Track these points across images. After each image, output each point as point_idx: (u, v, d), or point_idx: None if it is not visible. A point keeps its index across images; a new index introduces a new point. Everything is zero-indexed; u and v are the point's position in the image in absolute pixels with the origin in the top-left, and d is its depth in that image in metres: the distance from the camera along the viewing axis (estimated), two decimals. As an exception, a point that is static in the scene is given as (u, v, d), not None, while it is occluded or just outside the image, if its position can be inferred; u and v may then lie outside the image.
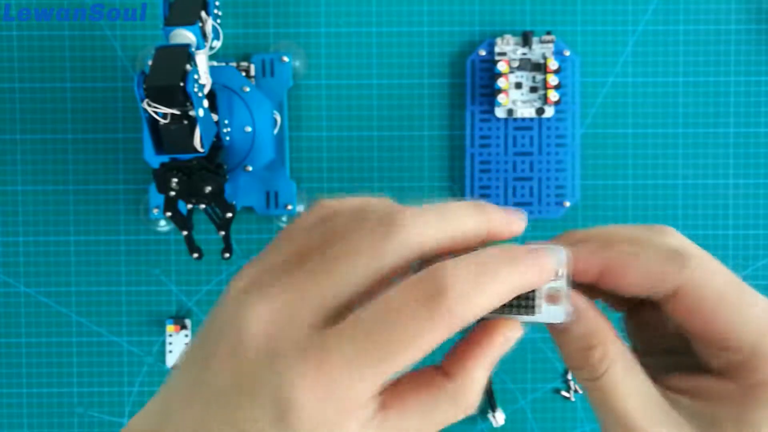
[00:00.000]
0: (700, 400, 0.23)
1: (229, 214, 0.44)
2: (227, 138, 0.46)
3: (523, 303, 0.23)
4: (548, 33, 0.48)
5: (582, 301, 0.24)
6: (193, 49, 0.40)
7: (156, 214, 0.48)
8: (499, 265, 0.21)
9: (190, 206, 0.44)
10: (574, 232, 0.25)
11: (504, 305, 0.22)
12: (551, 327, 0.24)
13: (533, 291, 0.23)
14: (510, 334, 0.23)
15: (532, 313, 0.23)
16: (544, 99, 0.48)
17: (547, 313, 0.23)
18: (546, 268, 0.22)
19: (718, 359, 0.23)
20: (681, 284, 0.23)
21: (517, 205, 0.49)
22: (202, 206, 0.44)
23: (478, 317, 0.21)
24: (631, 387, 0.23)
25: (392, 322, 0.20)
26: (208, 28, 0.43)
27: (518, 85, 0.49)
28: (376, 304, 0.20)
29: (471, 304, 0.20)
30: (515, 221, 0.24)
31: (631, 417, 0.23)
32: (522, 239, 0.25)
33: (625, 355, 0.23)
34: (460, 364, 0.22)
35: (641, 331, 0.27)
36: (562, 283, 0.23)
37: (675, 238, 0.24)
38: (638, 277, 0.23)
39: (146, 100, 0.38)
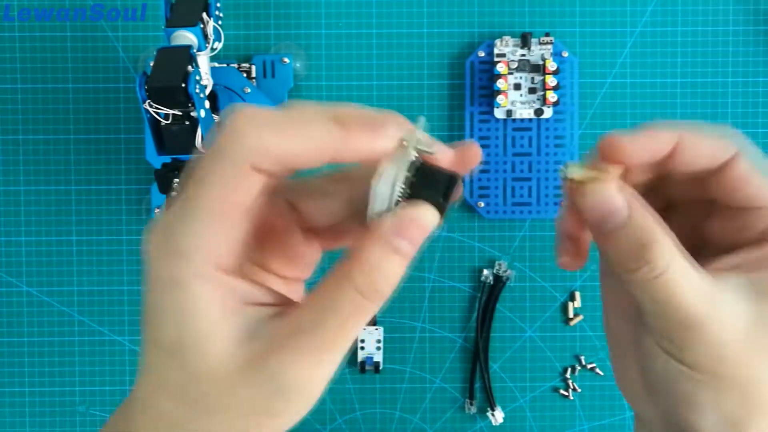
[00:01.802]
0: (743, 272, 0.24)
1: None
2: (228, 138, 0.46)
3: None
4: (547, 34, 0.48)
5: (632, 196, 0.24)
6: (194, 51, 0.40)
7: (158, 214, 0.49)
8: (308, 114, 0.21)
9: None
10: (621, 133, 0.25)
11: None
12: (595, 230, 0.24)
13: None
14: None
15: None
16: (543, 100, 0.48)
17: (379, 186, 0.22)
18: (378, 134, 0.22)
19: (761, 223, 0.24)
20: (738, 151, 0.24)
21: (516, 205, 0.50)
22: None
23: (279, 158, 0.21)
24: (692, 279, 0.23)
25: (196, 178, 0.21)
26: (210, 30, 0.43)
27: (517, 86, 0.49)
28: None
29: (258, 138, 0.20)
30: (381, 135, 0.22)
31: (696, 310, 0.23)
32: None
33: (680, 247, 0.23)
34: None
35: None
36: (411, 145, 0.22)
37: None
38: (707, 147, 0.24)
39: (148, 101, 0.38)
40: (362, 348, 0.50)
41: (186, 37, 0.40)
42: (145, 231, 0.22)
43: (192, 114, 0.39)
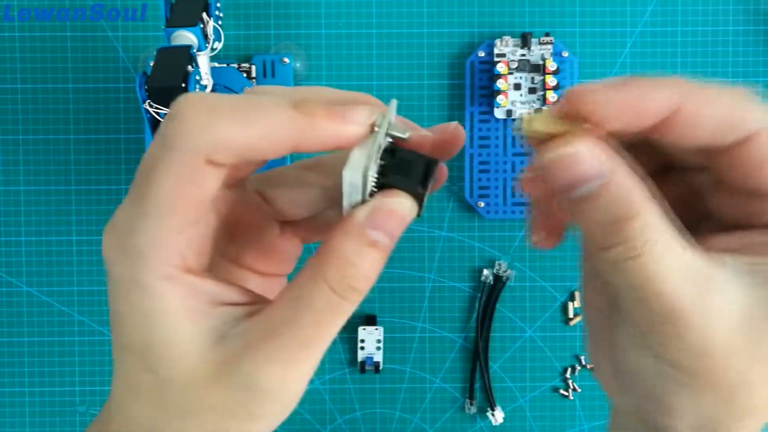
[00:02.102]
0: (745, 255, 0.20)
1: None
2: (228, 138, 0.46)
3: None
4: (547, 34, 0.48)
5: (612, 157, 0.20)
6: (194, 51, 0.40)
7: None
8: (266, 102, 0.19)
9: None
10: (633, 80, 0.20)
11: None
12: (569, 199, 0.20)
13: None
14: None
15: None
16: (543, 100, 0.48)
17: (348, 172, 0.20)
18: (347, 121, 0.20)
19: None
20: (758, 129, 0.20)
21: (516, 205, 0.50)
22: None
23: (234, 150, 0.19)
24: (676, 261, 0.19)
25: (145, 173, 0.20)
26: (210, 30, 0.43)
27: (517, 86, 0.49)
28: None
29: (210, 128, 0.19)
30: (349, 121, 0.20)
31: (680, 298, 0.19)
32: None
33: (664, 225, 0.19)
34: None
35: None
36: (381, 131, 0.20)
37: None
38: (714, 118, 0.20)
39: (148, 101, 0.38)
40: (362, 348, 0.50)
41: (186, 37, 0.40)
42: (103, 231, 0.21)
43: (192, 114, 0.39)
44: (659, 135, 0.20)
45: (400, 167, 0.21)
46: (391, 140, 0.21)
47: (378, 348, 0.50)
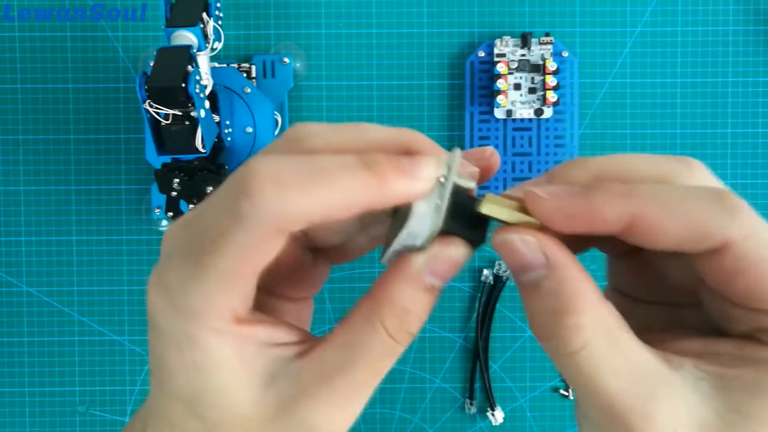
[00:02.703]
0: (708, 363, 0.19)
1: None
2: (228, 139, 0.46)
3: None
4: (547, 34, 0.48)
5: (558, 251, 0.19)
6: (194, 51, 0.40)
7: (158, 214, 0.49)
8: (336, 168, 0.19)
9: (191, 207, 0.44)
10: (585, 162, 0.21)
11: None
12: (518, 282, 0.20)
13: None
14: (402, 280, 0.20)
15: (402, 229, 0.20)
16: (543, 100, 0.48)
17: (415, 224, 0.20)
18: (415, 178, 0.19)
19: (750, 322, 0.19)
20: (728, 241, 0.18)
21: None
22: (204, 206, 0.44)
23: (307, 220, 0.19)
24: (618, 363, 0.18)
25: (210, 238, 0.19)
26: (210, 30, 0.43)
27: (517, 86, 0.49)
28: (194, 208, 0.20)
29: (282, 203, 0.18)
30: (419, 178, 0.20)
31: (623, 402, 0.18)
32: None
33: (609, 323, 0.19)
34: (357, 305, 0.21)
35: (635, 276, 0.23)
36: (442, 192, 0.20)
37: (709, 176, 0.20)
38: (677, 230, 0.18)
39: (148, 101, 0.38)
40: (362, 348, 0.50)
41: (186, 37, 0.40)
42: (149, 283, 0.20)
43: (192, 114, 0.39)
44: (623, 238, 0.19)
45: (457, 212, 0.20)
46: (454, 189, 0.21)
47: (378, 348, 0.50)
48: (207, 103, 0.41)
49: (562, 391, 0.51)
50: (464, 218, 0.21)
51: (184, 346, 0.20)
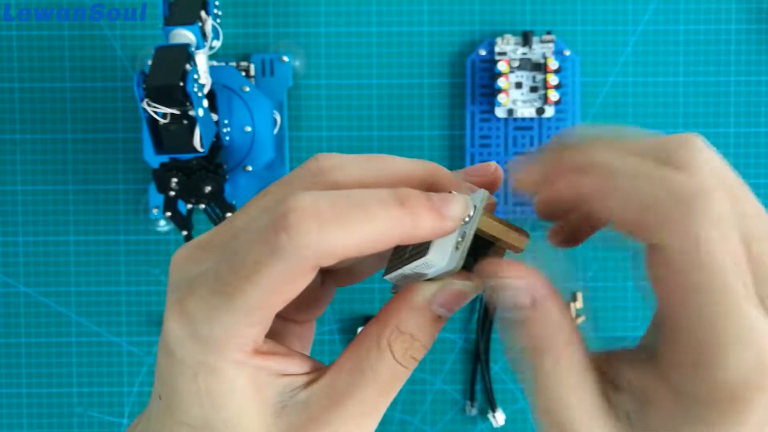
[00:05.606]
0: (637, 402, 0.20)
1: (229, 214, 0.44)
2: (227, 138, 0.46)
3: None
4: (548, 33, 0.48)
5: (542, 287, 0.21)
6: (192, 49, 0.40)
7: (156, 214, 0.48)
8: (373, 204, 0.19)
9: (189, 206, 0.44)
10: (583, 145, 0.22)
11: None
12: (502, 314, 0.22)
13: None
14: (410, 303, 0.21)
15: (419, 257, 0.20)
16: (545, 99, 0.48)
17: (434, 258, 0.20)
18: (445, 217, 0.20)
19: (678, 346, 0.19)
20: (660, 246, 0.19)
21: (517, 206, 0.49)
22: (202, 206, 0.44)
23: (342, 255, 0.19)
24: (579, 397, 0.20)
25: (235, 252, 0.19)
26: (208, 28, 0.42)
27: (518, 85, 0.49)
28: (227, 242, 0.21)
29: (321, 238, 0.18)
30: (448, 217, 0.20)
31: (575, 428, 0.20)
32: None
33: (579, 361, 0.21)
34: (365, 329, 0.21)
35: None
36: (466, 229, 0.20)
37: (706, 155, 0.19)
38: (629, 216, 0.19)
39: (146, 99, 0.38)
40: (362, 349, 0.49)
41: (184, 35, 0.40)
42: (168, 309, 0.20)
43: (190, 113, 0.39)
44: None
45: (473, 251, 0.21)
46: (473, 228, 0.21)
47: (378, 349, 0.49)
48: (205, 102, 0.41)
49: (563, 393, 0.51)
50: (475, 252, 0.21)
51: (200, 375, 0.20)
